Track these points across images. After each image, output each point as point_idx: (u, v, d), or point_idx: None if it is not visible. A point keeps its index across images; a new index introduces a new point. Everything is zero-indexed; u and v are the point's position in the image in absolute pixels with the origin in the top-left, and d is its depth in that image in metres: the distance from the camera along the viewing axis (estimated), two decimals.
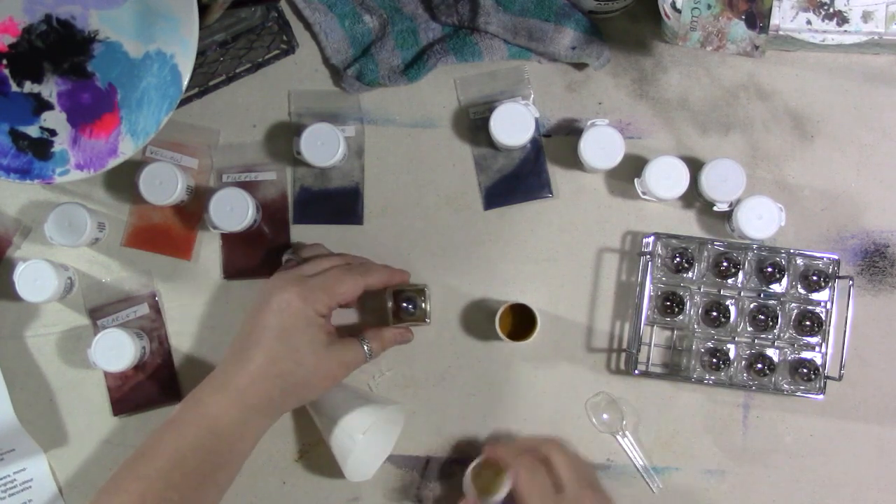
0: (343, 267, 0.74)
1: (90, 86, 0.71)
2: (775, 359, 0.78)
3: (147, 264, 0.81)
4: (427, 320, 0.78)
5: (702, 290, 0.79)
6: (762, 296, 0.78)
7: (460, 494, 0.79)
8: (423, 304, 0.78)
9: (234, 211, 0.76)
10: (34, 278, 0.76)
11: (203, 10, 0.68)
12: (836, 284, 0.78)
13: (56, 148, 0.71)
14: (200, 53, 0.70)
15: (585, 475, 0.71)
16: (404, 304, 0.78)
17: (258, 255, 0.81)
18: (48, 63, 0.71)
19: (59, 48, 0.71)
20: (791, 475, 0.80)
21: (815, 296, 0.78)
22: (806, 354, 0.78)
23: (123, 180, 0.81)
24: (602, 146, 0.76)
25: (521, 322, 0.77)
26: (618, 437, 0.80)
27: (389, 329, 0.77)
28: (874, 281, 0.80)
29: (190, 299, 0.81)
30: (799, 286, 0.78)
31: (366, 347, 0.74)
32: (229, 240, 0.81)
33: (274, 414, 0.70)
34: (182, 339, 0.81)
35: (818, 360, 0.78)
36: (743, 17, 0.71)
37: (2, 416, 0.79)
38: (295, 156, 0.79)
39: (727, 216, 0.79)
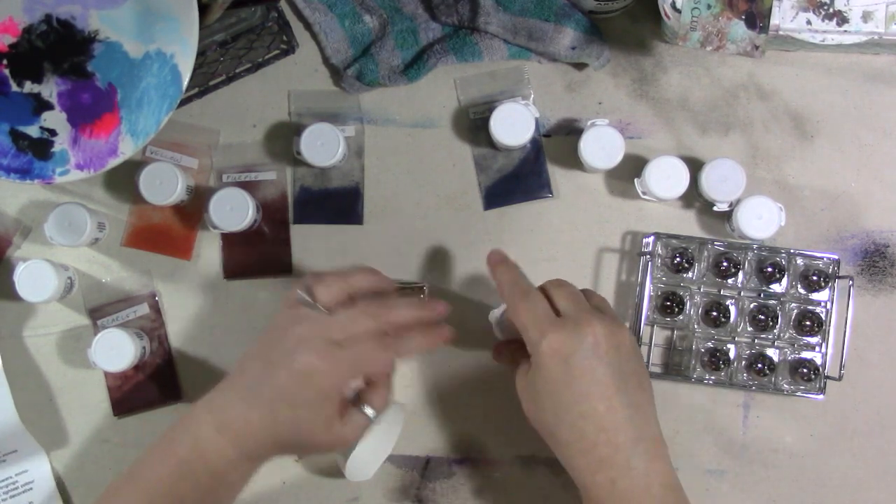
0: (377, 339, 0.64)
1: (90, 86, 0.71)
2: (775, 359, 0.78)
3: (147, 264, 0.81)
4: None
5: (702, 290, 0.79)
6: (762, 296, 0.78)
7: (460, 494, 0.79)
8: None
9: (234, 211, 0.76)
10: (34, 278, 0.76)
11: (203, 10, 0.68)
12: (836, 284, 0.78)
13: (56, 148, 0.72)
14: (200, 53, 0.70)
15: (595, 305, 0.66)
16: None
17: (258, 255, 0.81)
18: (48, 63, 0.71)
19: (59, 48, 0.71)
20: (791, 475, 0.80)
21: (815, 296, 0.78)
22: (806, 354, 0.78)
23: (123, 180, 0.81)
24: (602, 146, 0.77)
25: None
26: None
27: (388, 378, 0.69)
28: (874, 281, 0.80)
29: (190, 299, 0.81)
30: (799, 286, 0.78)
31: (368, 411, 0.66)
32: (229, 240, 0.81)
33: (272, 458, 0.66)
34: (182, 339, 0.81)
35: (818, 360, 0.78)
36: (743, 17, 0.71)
37: (4, 417, 0.79)
38: (295, 156, 0.79)
39: (727, 216, 0.79)
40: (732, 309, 0.78)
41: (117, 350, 0.75)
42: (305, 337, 0.63)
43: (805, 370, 0.77)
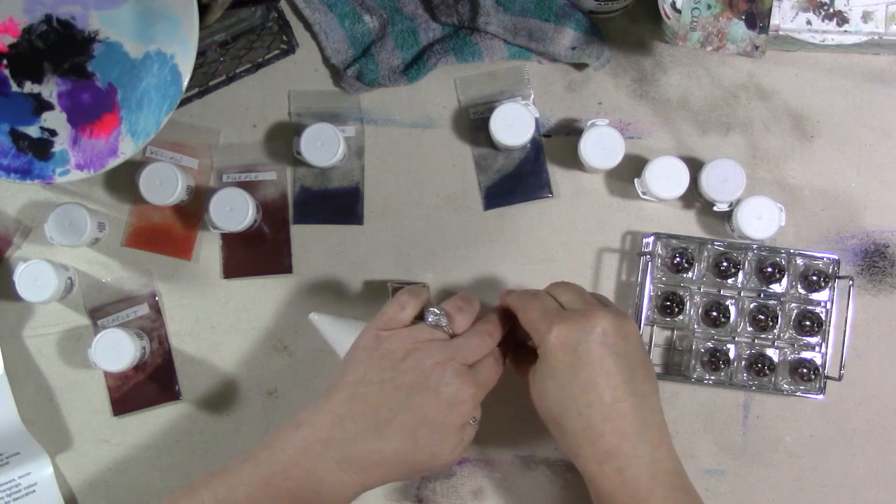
0: (494, 357, 0.66)
1: (90, 86, 0.71)
2: (775, 359, 0.78)
3: (147, 264, 0.81)
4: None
5: (702, 290, 0.79)
6: (762, 296, 0.78)
7: (460, 494, 0.79)
8: None
9: (234, 211, 0.76)
10: (34, 278, 0.76)
11: (203, 10, 0.68)
12: (836, 284, 0.78)
13: (56, 148, 0.71)
14: (200, 53, 0.70)
15: (597, 299, 0.67)
16: None
17: (258, 255, 0.81)
18: (48, 63, 0.71)
19: (60, 48, 0.71)
20: (791, 475, 0.80)
21: (815, 296, 0.78)
22: (806, 354, 0.78)
23: (123, 180, 0.81)
24: (602, 146, 0.77)
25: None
26: None
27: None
28: (874, 281, 0.80)
29: (190, 299, 0.81)
30: (799, 286, 0.78)
31: (473, 420, 0.66)
32: (229, 240, 0.81)
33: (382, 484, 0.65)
34: (182, 339, 0.81)
35: (818, 360, 0.78)
36: (743, 17, 0.71)
37: (6, 419, 0.79)
38: (295, 156, 0.79)
39: (727, 216, 0.79)
40: (732, 309, 0.78)
41: (117, 350, 0.75)
42: (442, 362, 0.63)
43: (805, 370, 0.77)
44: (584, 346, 0.62)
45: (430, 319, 0.66)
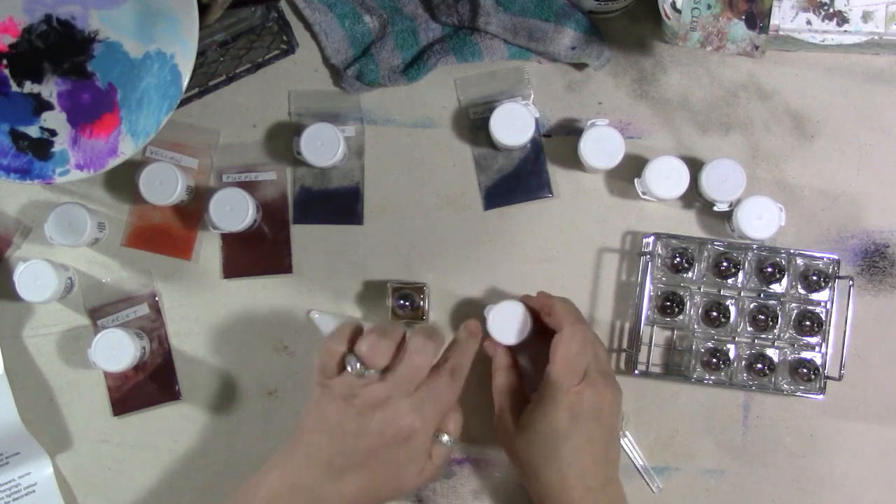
0: (440, 375, 0.67)
1: (90, 86, 0.71)
2: (775, 359, 0.78)
3: (147, 264, 0.81)
4: (424, 318, 0.79)
5: (702, 290, 0.79)
6: (762, 296, 0.78)
7: (460, 494, 0.79)
8: (422, 303, 0.78)
9: (234, 211, 0.76)
10: (34, 278, 0.76)
11: (203, 10, 0.68)
12: (836, 284, 0.78)
13: (56, 148, 0.71)
14: (200, 53, 0.70)
15: (603, 365, 0.72)
16: (400, 302, 0.78)
17: (258, 255, 0.81)
18: (48, 63, 0.71)
19: (59, 48, 0.71)
20: (791, 475, 0.80)
21: (815, 296, 0.78)
22: (806, 354, 0.78)
23: (123, 180, 0.81)
24: (602, 146, 0.76)
25: None
26: None
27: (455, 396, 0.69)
28: (874, 281, 0.80)
29: (190, 299, 0.81)
30: (799, 286, 0.78)
31: (445, 439, 0.69)
32: (229, 240, 0.81)
33: None
34: (182, 339, 0.81)
35: (818, 360, 0.78)
36: (743, 17, 0.71)
37: (6, 419, 0.79)
38: (295, 156, 0.79)
39: (727, 216, 0.79)
40: (732, 309, 0.78)
41: (117, 350, 0.75)
42: (383, 400, 0.64)
43: (805, 370, 0.77)
44: (584, 416, 0.68)
45: (349, 370, 0.66)
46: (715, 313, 0.77)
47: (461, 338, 0.72)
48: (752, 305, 0.78)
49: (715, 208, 0.78)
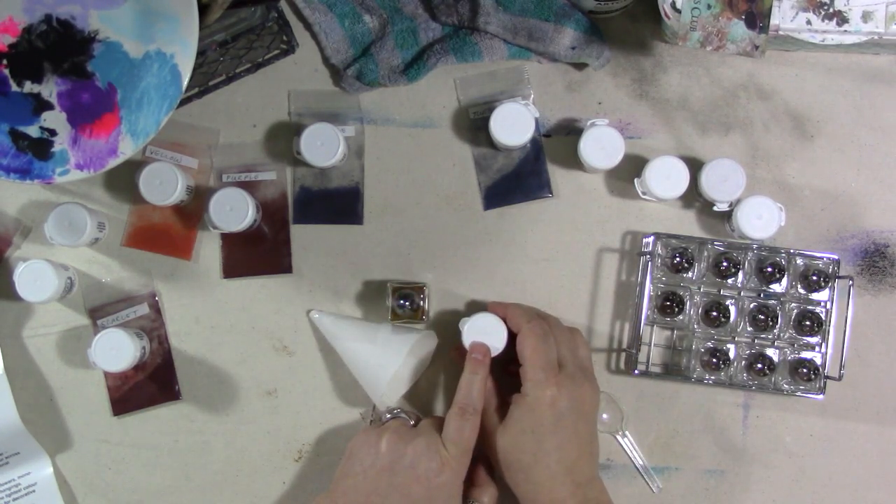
0: (459, 415, 0.72)
1: (90, 86, 0.71)
2: (775, 359, 0.78)
3: (147, 264, 0.81)
4: (424, 318, 0.79)
5: (702, 290, 0.79)
6: (762, 296, 0.78)
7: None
8: (422, 303, 0.78)
9: (234, 211, 0.76)
10: (34, 278, 0.76)
11: (203, 10, 0.68)
12: (836, 284, 0.78)
13: (56, 148, 0.71)
14: (200, 53, 0.70)
15: (583, 361, 0.74)
16: (400, 301, 0.78)
17: (258, 254, 0.81)
18: (48, 63, 0.71)
19: (59, 48, 0.71)
20: (791, 475, 0.80)
21: (815, 296, 0.78)
22: (806, 354, 0.78)
23: (123, 180, 0.81)
24: (602, 146, 0.76)
25: None
26: (617, 437, 0.80)
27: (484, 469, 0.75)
28: (874, 281, 0.80)
29: (190, 299, 0.81)
30: (799, 286, 0.78)
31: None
32: (229, 240, 0.81)
33: None
34: (182, 339, 0.81)
35: (818, 360, 0.78)
36: (743, 17, 0.71)
37: (6, 419, 0.79)
38: (295, 156, 0.79)
39: (727, 216, 0.79)
40: (732, 309, 0.78)
41: (117, 350, 0.75)
42: (424, 447, 0.69)
43: (805, 370, 0.77)
44: (568, 411, 0.70)
45: (387, 416, 0.75)
46: (715, 313, 0.77)
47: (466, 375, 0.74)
48: (751, 305, 0.78)
49: (715, 208, 0.78)
